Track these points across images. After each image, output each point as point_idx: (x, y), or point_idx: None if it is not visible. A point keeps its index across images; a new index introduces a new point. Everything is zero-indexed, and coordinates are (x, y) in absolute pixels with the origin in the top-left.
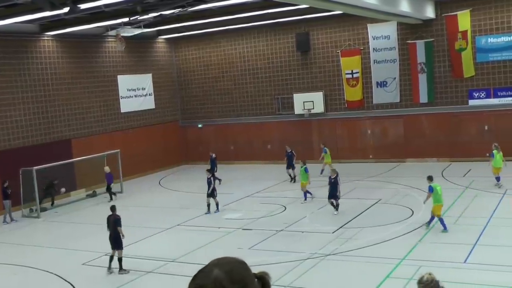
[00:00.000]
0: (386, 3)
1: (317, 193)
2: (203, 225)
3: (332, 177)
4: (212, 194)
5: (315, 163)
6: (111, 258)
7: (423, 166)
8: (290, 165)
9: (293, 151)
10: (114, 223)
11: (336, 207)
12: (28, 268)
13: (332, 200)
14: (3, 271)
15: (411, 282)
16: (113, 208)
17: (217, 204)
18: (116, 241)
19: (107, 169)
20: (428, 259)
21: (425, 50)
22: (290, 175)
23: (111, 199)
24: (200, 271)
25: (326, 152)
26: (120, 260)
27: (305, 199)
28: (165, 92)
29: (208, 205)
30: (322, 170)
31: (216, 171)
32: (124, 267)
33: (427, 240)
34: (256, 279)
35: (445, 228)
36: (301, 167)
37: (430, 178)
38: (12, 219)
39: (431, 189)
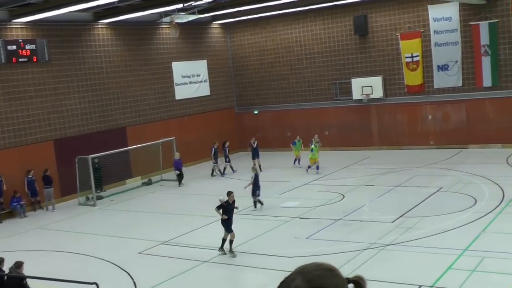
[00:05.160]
0: None
1: (375, 180)
2: (260, 214)
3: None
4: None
5: (374, 149)
6: (224, 240)
7: (486, 153)
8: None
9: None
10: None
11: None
12: (85, 256)
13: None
14: (61, 258)
15: (474, 274)
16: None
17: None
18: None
19: (177, 155)
20: (492, 250)
21: (489, 31)
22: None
23: (180, 183)
24: (283, 280)
25: (295, 144)
26: (223, 241)
27: None
28: (220, 79)
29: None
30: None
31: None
32: (181, 256)
33: (491, 230)
34: (349, 284)
35: None
36: None
37: None
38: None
39: None
